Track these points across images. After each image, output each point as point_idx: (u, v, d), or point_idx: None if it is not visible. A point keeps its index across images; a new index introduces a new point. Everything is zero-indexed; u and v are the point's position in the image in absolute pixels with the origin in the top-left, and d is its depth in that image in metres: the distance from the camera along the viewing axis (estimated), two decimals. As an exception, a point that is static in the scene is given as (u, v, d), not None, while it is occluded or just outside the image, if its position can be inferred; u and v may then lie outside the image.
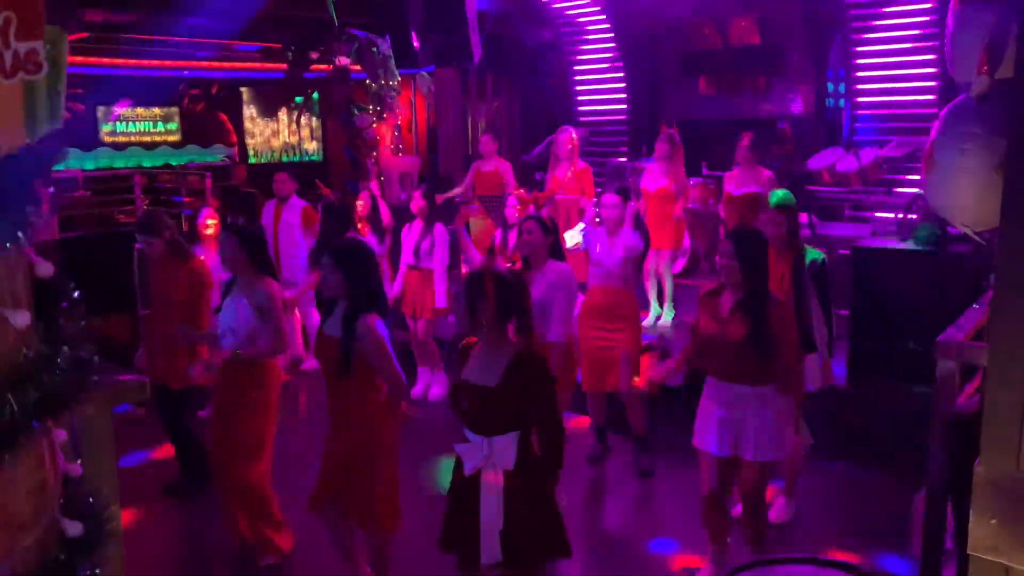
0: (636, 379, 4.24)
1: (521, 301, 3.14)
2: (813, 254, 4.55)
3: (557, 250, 4.72)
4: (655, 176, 7.14)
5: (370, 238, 6.75)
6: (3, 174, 1.16)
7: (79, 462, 1.48)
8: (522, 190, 7.07)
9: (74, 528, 1.35)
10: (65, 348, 1.26)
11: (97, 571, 1.35)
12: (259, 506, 4.25)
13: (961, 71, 2.43)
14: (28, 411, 1.19)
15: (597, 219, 5.52)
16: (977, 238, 2.48)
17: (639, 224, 5.38)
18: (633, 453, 5.41)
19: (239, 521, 4.25)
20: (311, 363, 6.88)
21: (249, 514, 4.24)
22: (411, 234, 6.57)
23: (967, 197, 2.28)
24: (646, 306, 7.22)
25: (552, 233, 4.69)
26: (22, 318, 1.23)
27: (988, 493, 1.67)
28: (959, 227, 2.49)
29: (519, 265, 4.74)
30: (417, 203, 6.55)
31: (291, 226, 7.22)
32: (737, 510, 4.15)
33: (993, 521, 1.66)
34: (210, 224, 6.30)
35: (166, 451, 5.43)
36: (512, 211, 6.29)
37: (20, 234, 1.20)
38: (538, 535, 3.05)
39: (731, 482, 3.93)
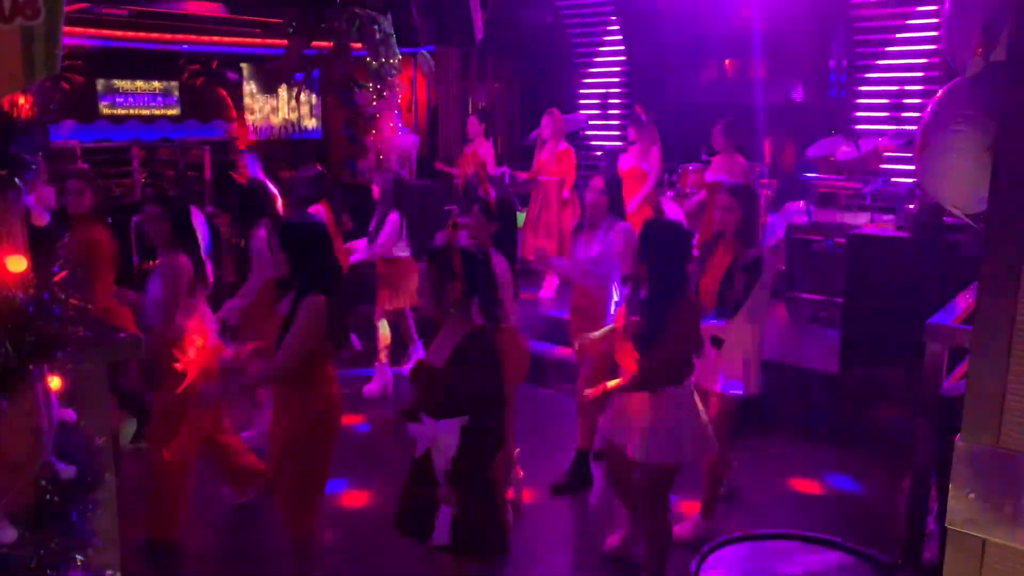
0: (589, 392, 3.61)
1: (488, 278, 2.95)
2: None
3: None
4: (629, 157, 7.31)
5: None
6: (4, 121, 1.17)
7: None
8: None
9: (68, 471, 1.38)
10: (60, 294, 1.28)
11: (89, 513, 1.38)
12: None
13: (957, 53, 2.44)
14: (23, 354, 1.22)
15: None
16: (969, 220, 2.49)
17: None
18: None
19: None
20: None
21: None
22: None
23: (958, 177, 2.30)
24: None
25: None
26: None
27: (967, 468, 1.68)
28: (950, 208, 2.50)
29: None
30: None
31: None
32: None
33: (971, 495, 1.67)
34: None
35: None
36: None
37: (17, 180, 1.22)
38: (478, 527, 2.84)
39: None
